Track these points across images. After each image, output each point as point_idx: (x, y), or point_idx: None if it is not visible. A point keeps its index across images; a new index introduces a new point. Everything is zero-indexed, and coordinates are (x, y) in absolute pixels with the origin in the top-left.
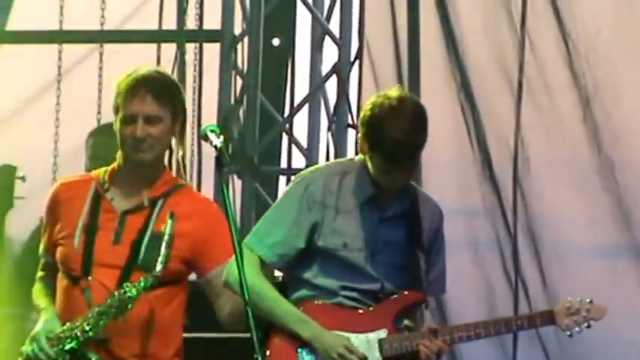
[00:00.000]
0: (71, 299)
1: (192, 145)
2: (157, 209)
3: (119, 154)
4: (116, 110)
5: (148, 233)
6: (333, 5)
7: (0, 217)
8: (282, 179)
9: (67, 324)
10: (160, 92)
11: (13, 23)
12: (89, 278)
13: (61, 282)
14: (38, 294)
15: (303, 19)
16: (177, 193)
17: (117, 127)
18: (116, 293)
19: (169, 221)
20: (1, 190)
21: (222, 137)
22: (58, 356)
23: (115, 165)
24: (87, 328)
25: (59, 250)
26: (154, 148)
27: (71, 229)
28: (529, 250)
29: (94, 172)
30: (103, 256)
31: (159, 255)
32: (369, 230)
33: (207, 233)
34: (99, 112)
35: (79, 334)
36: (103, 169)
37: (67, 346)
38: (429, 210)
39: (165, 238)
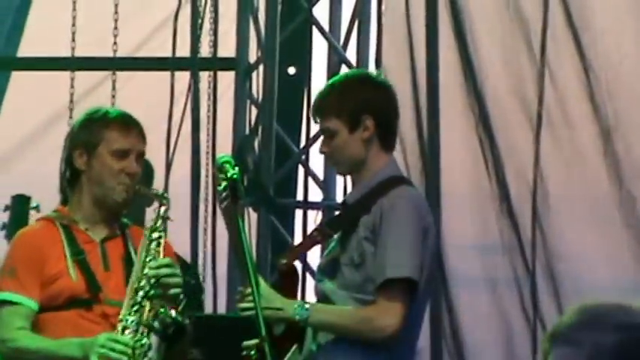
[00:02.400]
0: (85, 326)
1: (207, 176)
2: (127, 233)
3: (89, 189)
4: (91, 142)
5: (135, 260)
6: (350, 33)
7: None
8: (299, 212)
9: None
10: (144, 132)
11: (25, 50)
12: (103, 292)
13: (61, 318)
14: (47, 340)
15: (320, 47)
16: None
17: (103, 161)
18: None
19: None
20: (15, 221)
21: (237, 168)
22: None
23: (63, 210)
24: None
25: (57, 285)
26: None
27: (61, 265)
28: (548, 287)
29: (41, 219)
30: (104, 280)
31: None
32: None
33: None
34: None
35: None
36: (49, 214)
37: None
38: (380, 202)
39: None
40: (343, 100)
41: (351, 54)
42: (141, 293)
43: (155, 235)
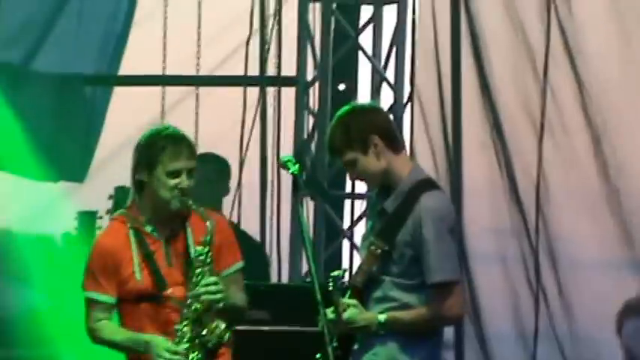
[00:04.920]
0: (158, 315)
1: (273, 172)
2: (188, 231)
3: (150, 198)
4: (150, 163)
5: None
6: (389, 57)
7: None
8: (347, 202)
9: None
10: (194, 149)
11: (124, 68)
12: (169, 291)
13: (138, 309)
14: (123, 333)
15: (364, 68)
16: (191, 215)
17: (160, 179)
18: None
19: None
20: (117, 207)
21: (297, 165)
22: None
23: (133, 207)
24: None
25: (129, 286)
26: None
27: (130, 269)
28: (549, 264)
29: (115, 218)
30: (168, 275)
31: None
32: (373, 221)
33: (223, 239)
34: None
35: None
36: (121, 212)
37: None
38: (416, 210)
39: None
40: (347, 134)
41: (390, 74)
42: (193, 308)
43: (204, 250)
